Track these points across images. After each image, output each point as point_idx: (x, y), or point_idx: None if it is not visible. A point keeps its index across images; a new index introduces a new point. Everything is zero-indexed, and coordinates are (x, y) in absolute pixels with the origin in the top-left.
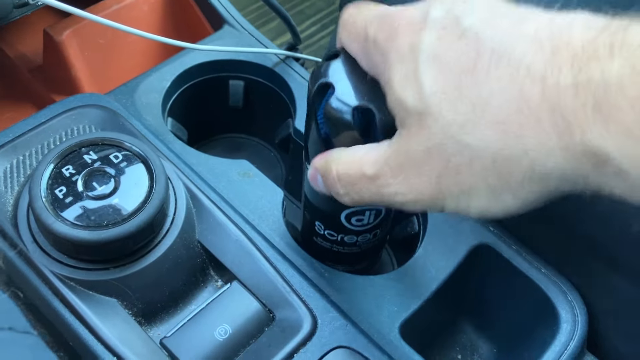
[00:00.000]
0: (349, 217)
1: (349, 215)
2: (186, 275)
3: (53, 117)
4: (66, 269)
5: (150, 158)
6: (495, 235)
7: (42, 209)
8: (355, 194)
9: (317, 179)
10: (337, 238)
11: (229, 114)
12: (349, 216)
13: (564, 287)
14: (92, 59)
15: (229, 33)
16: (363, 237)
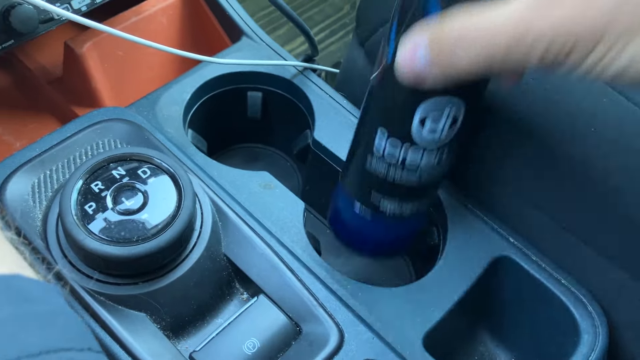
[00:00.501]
0: (424, 117)
1: (424, 112)
2: (213, 289)
3: (78, 131)
4: (96, 283)
5: (177, 173)
6: (515, 247)
7: (73, 225)
8: (486, 51)
9: (417, 55)
10: (399, 153)
11: (247, 125)
12: (424, 114)
13: (584, 298)
14: (112, 71)
15: (247, 45)
16: (428, 157)
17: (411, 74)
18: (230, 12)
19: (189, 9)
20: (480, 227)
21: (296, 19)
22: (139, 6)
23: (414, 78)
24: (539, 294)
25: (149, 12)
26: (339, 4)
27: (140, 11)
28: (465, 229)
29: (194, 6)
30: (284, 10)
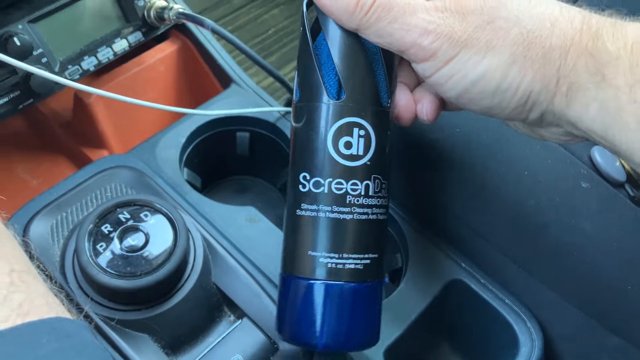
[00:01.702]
0: (337, 137)
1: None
2: (204, 313)
3: (89, 177)
4: (107, 310)
5: (173, 215)
6: (466, 271)
7: (88, 263)
8: (386, 22)
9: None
10: (324, 188)
11: (237, 160)
12: (336, 136)
13: (524, 315)
14: (117, 116)
15: (236, 92)
16: (353, 186)
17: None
18: (220, 62)
19: (184, 58)
20: (436, 253)
21: (275, 74)
22: (140, 57)
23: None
24: (486, 312)
25: (148, 62)
26: None
27: (141, 62)
28: (424, 255)
29: (188, 56)
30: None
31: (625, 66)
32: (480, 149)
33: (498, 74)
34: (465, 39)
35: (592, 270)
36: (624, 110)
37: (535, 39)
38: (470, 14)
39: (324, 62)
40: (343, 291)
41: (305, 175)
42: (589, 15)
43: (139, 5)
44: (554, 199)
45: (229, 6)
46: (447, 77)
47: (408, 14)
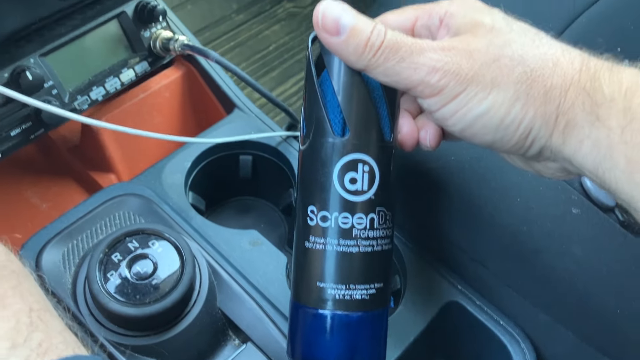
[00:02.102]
0: (342, 173)
1: (341, 170)
2: (210, 337)
3: (98, 205)
4: (117, 336)
5: (180, 244)
6: (462, 293)
7: (99, 292)
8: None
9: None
10: (331, 222)
11: (240, 182)
12: (341, 172)
13: (518, 337)
14: (123, 141)
15: (239, 116)
16: (358, 219)
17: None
18: (223, 88)
19: (188, 84)
20: (434, 276)
21: (276, 101)
22: (145, 83)
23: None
24: (482, 333)
25: (154, 88)
26: None
27: (147, 88)
28: (422, 278)
29: (192, 82)
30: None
31: (619, 109)
32: (475, 177)
33: (502, 109)
34: (472, 76)
35: (583, 294)
36: (614, 150)
37: (537, 78)
38: (476, 52)
39: (328, 100)
40: (351, 320)
41: (313, 209)
42: (588, 57)
43: (145, 36)
44: (545, 225)
45: (231, 23)
46: (452, 112)
47: (415, 53)
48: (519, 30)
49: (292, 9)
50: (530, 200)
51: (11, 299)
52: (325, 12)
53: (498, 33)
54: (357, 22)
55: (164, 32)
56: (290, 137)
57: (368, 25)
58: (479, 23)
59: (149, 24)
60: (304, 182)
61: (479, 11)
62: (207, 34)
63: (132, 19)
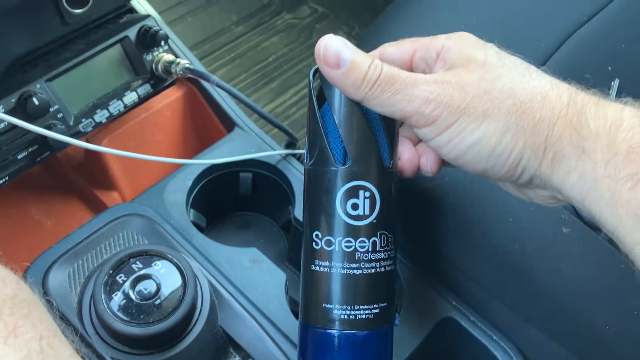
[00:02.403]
0: (344, 200)
1: (344, 196)
2: (212, 354)
3: (102, 226)
4: (122, 354)
5: (182, 264)
6: (457, 309)
7: (104, 312)
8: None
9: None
10: (335, 246)
11: (240, 199)
12: (343, 199)
13: (510, 352)
14: (126, 159)
15: (239, 135)
16: (361, 243)
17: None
18: (224, 107)
19: (189, 103)
20: (429, 292)
21: (276, 122)
22: (147, 103)
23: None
24: (476, 348)
25: (156, 108)
26: None
27: (149, 107)
28: (417, 294)
29: (193, 101)
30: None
31: (604, 143)
32: (468, 197)
33: (493, 140)
34: (464, 107)
35: (573, 310)
36: (599, 183)
37: (527, 110)
38: (468, 86)
39: (330, 130)
40: (357, 339)
41: (318, 234)
42: (576, 92)
43: (147, 59)
44: (537, 244)
45: (230, 34)
46: (446, 141)
47: (410, 86)
48: (510, 65)
49: (291, 21)
50: (521, 220)
51: (22, 328)
52: (327, 46)
53: (490, 68)
54: (356, 57)
55: (165, 55)
56: (289, 155)
57: (366, 60)
58: (472, 58)
59: (151, 48)
60: (310, 209)
61: (473, 46)
62: (206, 46)
63: (135, 43)
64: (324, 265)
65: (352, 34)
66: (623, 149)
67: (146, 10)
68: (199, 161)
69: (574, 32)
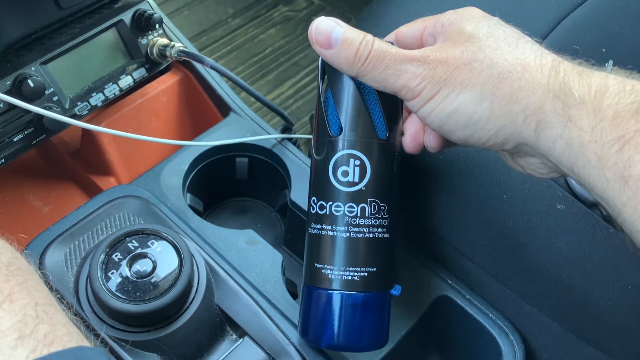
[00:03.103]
0: (336, 167)
1: (335, 164)
2: (209, 332)
3: (99, 207)
4: (119, 332)
5: (178, 242)
6: (452, 287)
7: (100, 289)
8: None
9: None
10: (327, 210)
11: (236, 184)
12: (335, 166)
13: (506, 329)
14: (122, 144)
15: (235, 120)
16: (349, 208)
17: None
18: (219, 92)
19: (185, 89)
20: (424, 271)
21: (271, 105)
22: (143, 89)
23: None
24: (471, 325)
25: (151, 94)
26: None
27: (145, 93)
28: (412, 273)
29: (189, 87)
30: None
31: (589, 110)
32: (462, 175)
33: (470, 108)
34: (445, 79)
35: (567, 286)
36: (585, 148)
37: (505, 80)
38: (451, 58)
39: (329, 104)
40: (344, 299)
41: (314, 199)
42: (560, 62)
43: (142, 43)
44: (531, 221)
45: (227, 27)
46: (429, 111)
47: (398, 61)
48: (500, 36)
49: (288, 13)
50: (516, 197)
51: (18, 294)
52: (318, 27)
53: (474, 40)
54: (347, 35)
55: (160, 39)
56: (285, 140)
57: (357, 38)
58: (461, 31)
59: (146, 31)
60: (311, 177)
61: (468, 20)
62: (203, 39)
63: (130, 27)
64: (317, 227)
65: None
66: (609, 114)
67: None
68: (196, 143)
69: (567, 14)
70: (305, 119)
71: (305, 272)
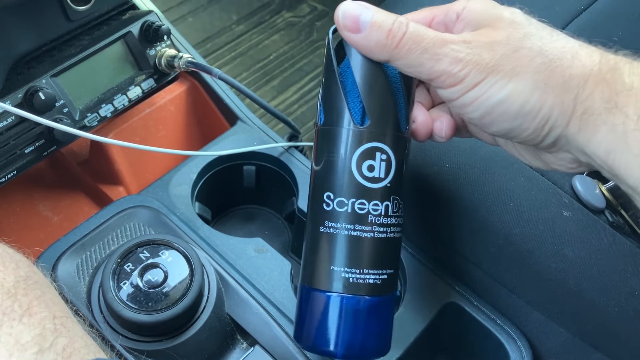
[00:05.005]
0: (360, 161)
1: (360, 157)
2: (219, 341)
3: (110, 217)
4: (131, 342)
5: (189, 253)
6: (460, 294)
7: (113, 300)
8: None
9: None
10: (347, 208)
11: (244, 192)
12: (360, 160)
13: (514, 335)
14: (131, 154)
15: (242, 128)
16: (374, 206)
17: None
18: (227, 101)
19: (192, 98)
20: (432, 278)
21: (278, 114)
22: (151, 98)
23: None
24: (479, 332)
25: (159, 103)
26: None
27: (153, 103)
28: (421, 280)
29: (196, 96)
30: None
31: (638, 97)
32: (469, 182)
33: (521, 97)
34: (492, 66)
35: (574, 293)
36: (629, 136)
37: (556, 68)
38: (496, 44)
39: (349, 90)
40: (362, 304)
41: (330, 195)
42: (606, 52)
43: (150, 54)
44: (537, 228)
45: (231, 33)
46: (472, 99)
47: (437, 45)
48: (537, 25)
49: (291, 19)
50: (522, 204)
51: (36, 307)
52: (345, 12)
53: (517, 26)
54: (376, 17)
55: (168, 50)
56: (292, 147)
57: (389, 19)
58: (499, 16)
59: (154, 43)
60: (321, 169)
61: (497, 7)
62: (208, 45)
63: (138, 38)
64: (334, 226)
65: None
66: None
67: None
68: (204, 153)
69: (571, 21)
70: (310, 125)
71: (311, 274)
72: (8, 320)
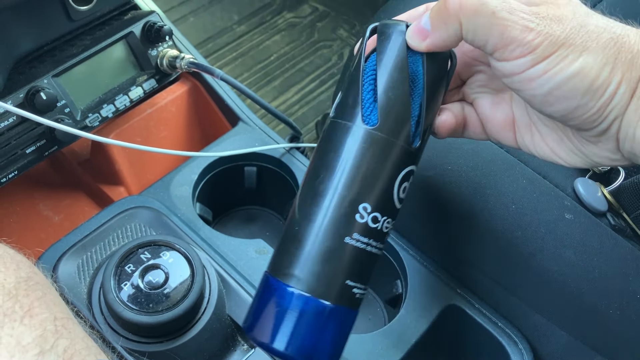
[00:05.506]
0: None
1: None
2: (220, 342)
3: (110, 218)
4: (132, 343)
5: (190, 254)
6: (461, 296)
7: (114, 301)
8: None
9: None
10: (379, 225)
11: (245, 192)
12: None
13: (515, 337)
14: (132, 154)
15: (243, 129)
16: (392, 225)
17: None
18: (228, 102)
19: (194, 99)
20: (434, 280)
21: (280, 115)
22: (152, 99)
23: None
24: (481, 334)
25: (160, 104)
26: (327, 56)
27: (154, 103)
28: (422, 282)
29: (198, 97)
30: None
31: None
32: (471, 185)
33: (593, 72)
34: (564, 38)
35: (576, 295)
36: None
37: (624, 44)
38: (564, 19)
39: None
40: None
41: (366, 207)
42: None
43: (152, 55)
44: (539, 230)
45: (232, 34)
46: (541, 72)
47: (506, 10)
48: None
49: (292, 19)
50: (524, 207)
51: (37, 309)
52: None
53: (576, 5)
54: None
55: (170, 50)
56: (293, 149)
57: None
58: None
59: (156, 43)
60: (362, 178)
61: None
62: (209, 45)
63: (140, 38)
64: (362, 241)
65: (353, 31)
66: None
67: (150, 8)
68: (205, 153)
69: None
70: (310, 125)
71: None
72: (9, 322)
